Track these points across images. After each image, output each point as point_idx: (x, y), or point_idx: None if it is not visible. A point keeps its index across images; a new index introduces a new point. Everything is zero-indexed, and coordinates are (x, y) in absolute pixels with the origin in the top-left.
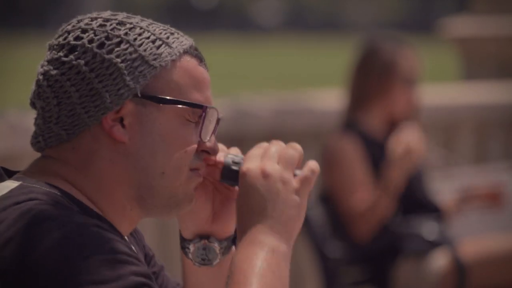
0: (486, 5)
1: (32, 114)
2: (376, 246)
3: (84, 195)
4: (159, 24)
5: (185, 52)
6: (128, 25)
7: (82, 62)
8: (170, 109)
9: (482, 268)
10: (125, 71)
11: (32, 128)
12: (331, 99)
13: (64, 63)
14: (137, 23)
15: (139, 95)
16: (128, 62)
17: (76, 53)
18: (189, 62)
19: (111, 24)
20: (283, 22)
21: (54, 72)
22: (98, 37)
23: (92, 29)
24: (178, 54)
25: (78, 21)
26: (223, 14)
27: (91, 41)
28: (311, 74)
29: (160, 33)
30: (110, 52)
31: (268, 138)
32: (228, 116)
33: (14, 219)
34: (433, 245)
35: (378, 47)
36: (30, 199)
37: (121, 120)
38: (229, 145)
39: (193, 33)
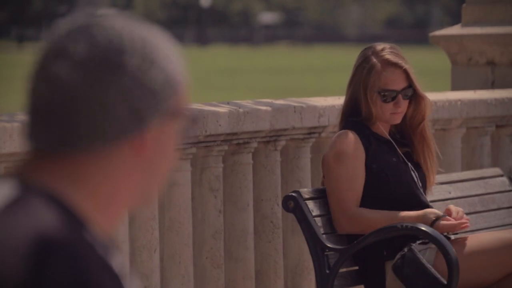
0: (478, 15)
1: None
2: (372, 244)
3: (86, 202)
4: (155, 27)
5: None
6: (150, 38)
7: (125, 81)
8: (174, 120)
9: (472, 263)
10: (161, 92)
11: None
12: (330, 99)
13: (106, 79)
14: (151, 32)
15: (170, 112)
16: (163, 82)
17: (119, 71)
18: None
19: (138, 38)
20: (282, 23)
21: (94, 86)
22: (137, 55)
23: (128, 44)
24: (181, 66)
25: (103, 29)
26: (222, 14)
27: (132, 59)
28: (310, 74)
29: (165, 45)
30: (149, 72)
31: (267, 138)
32: (228, 116)
33: (14, 254)
34: (426, 242)
35: (367, 55)
36: (29, 222)
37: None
38: (228, 145)
39: (194, 33)
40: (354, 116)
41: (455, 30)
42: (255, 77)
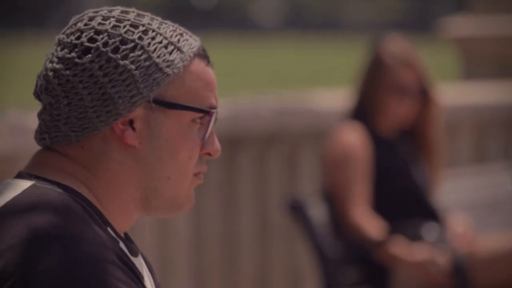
0: (485, 5)
1: (32, 115)
2: (376, 247)
3: (92, 194)
4: (168, 23)
5: (195, 55)
6: (141, 28)
7: (96, 66)
8: (177, 114)
9: (482, 267)
10: (139, 78)
11: (33, 128)
12: (331, 99)
13: (77, 64)
14: (149, 24)
15: (152, 102)
16: (142, 69)
17: (90, 55)
18: (198, 65)
19: (124, 26)
20: (282, 22)
21: (66, 72)
22: (112, 40)
23: (106, 30)
24: (189, 58)
25: (90, 19)
26: (222, 13)
27: (105, 44)
28: (311, 74)
29: (171, 36)
30: (124, 57)
31: (268, 138)
32: (228, 116)
33: (21, 231)
34: (432, 245)
35: (376, 52)
36: (42, 205)
37: (130, 123)
38: (228, 144)
39: (192, 32)
40: (360, 115)
41: (465, 26)
42: (254, 75)
